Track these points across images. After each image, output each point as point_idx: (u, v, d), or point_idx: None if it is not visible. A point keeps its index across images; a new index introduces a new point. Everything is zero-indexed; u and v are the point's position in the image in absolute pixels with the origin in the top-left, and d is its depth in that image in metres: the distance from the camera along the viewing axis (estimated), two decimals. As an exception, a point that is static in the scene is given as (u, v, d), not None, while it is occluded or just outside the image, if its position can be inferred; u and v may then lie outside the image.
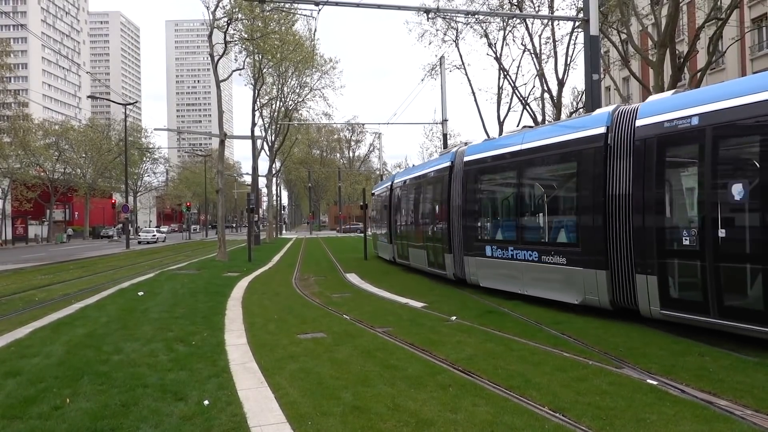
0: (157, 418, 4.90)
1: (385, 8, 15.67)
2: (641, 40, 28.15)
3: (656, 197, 8.40)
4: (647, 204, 8.46)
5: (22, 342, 8.03)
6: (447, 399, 5.28)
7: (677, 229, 8.16)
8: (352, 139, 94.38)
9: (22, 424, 4.80)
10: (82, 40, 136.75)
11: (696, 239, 7.64)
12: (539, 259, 10.89)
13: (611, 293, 9.25)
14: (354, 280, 16.87)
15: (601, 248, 9.34)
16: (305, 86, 43.57)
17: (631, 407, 4.96)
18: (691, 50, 20.09)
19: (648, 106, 8.78)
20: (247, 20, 25.47)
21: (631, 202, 8.78)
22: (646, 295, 8.38)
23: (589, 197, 9.69)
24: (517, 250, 11.65)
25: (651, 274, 8.26)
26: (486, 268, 12.90)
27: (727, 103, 7.27)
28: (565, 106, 40.14)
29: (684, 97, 8.27)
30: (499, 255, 12.29)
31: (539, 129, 12.50)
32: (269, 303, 12.07)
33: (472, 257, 13.50)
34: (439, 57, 27.77)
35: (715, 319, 7.30)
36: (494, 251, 12.52)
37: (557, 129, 11.39)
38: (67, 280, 17.96)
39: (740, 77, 7.22)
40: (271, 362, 6.80)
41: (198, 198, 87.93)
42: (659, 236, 8.29)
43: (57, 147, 60.70)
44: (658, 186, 8.38)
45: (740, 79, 9.08)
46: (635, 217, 8.67)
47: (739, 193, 7.15)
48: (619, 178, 9.09)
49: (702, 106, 7.62)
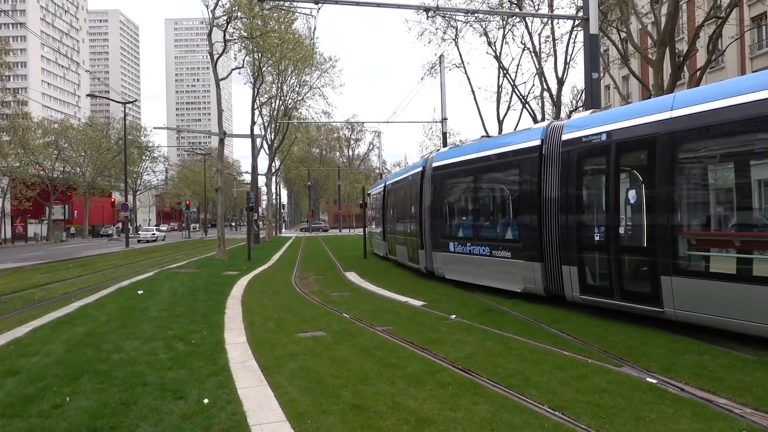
0: (157, 416, 4.90)
1: (385, 6, 15.64)
2: (641, 39, 28.11)
3: (576, 200, 10.03)
4: (569, 205, 10.09)
5: (21, 341, 8.04)
6: (446, 397, 5.29)
7: (591, 227, 9.66)
8: (351, 138, 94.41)
9: (22, 422, 4.80)
10: (82, 39, 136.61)
11: (604, 236, 9.18)
12: (491, 254, 12.57)
13: (545, 282, 10.80)
14: (353, 278, 16.88)
15: (537, 244, 10.92)
16: (305, 85, 43.55)
17: (631, 405, 4.96)
18: (691, 49, 20.07)
19: (572, 123, 10.42)
20: (246, 19, 25.41)
21: (559, 203, 10.35)
22: (570, 283, 9.94)
23: (528, 200, 11.27)
24: (473, 246, 13.31)
25: (572, 265, 9.87)
26: (450, 262, 14.51)
27: (625, 123, 8.90)
28: (565, 105, 40.15)
29: (599, 115, 9.98)
30: (460, 250, 13.90)
31: (493, 139, 14.09)
32: (269, 302, 12.07)
33: (438, 252, 15.14)
34: (439, 55, 27.80)
35: (617, 301, 8.88)
36: (456, 247, 14.12)
37: (505, 140, 12.92)
38: (66, 279, 17.97)
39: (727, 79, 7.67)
40: (271, 361, 6.80)
41: (197, 197, 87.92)
42: (578, 233, 9.88)
43: (56, 145, 60.64)
44: (578, 190, 10.00)
45: (639, 102, 10.73)
46: (561, 217, 10.24)
47: (633, 197, 8.74)
48: (550, 183, 10.63)
49: (609, 124, 9.20)
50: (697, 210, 8.18)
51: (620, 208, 8.93)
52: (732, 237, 7.60)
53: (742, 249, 7.34)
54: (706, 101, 7.63)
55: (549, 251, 10.64)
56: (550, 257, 10.63)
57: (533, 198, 11.03)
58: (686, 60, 20.03)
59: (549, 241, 10.63)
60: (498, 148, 12.61)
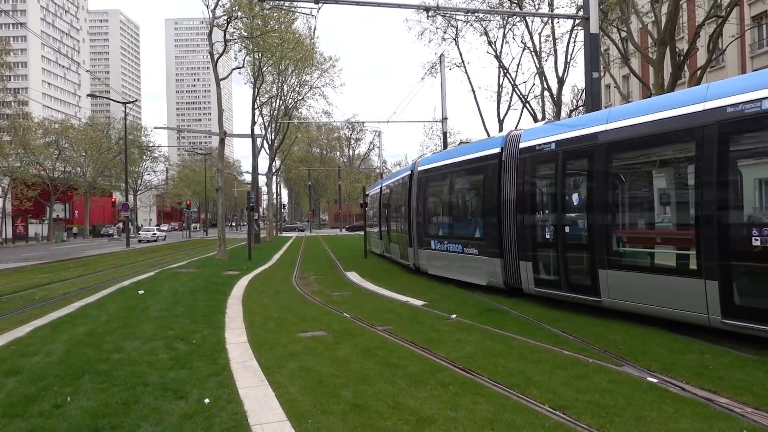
0: (158, 416, 4.90)
1: (385, 6, 15.62)
2: (641, 38, 28.08)
3: (530, 202, 11.21)
4: (524, 207, 11.25)
5: (22, 340, 8.04)
6: (447, 397, 5.29)
7: (542, 226, 10.80)
8: (352, 138, 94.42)
9: (23, 422, 4.81)
10: (82, 39, 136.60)
11: (553, 234, 10.34)
12: (462, 251, 13.86)
13: (504, 276, 12.03)
14: (354, 278, 16.88)
15: (498, 242, 12.16)
16: (305, 84, 43.53)
17: (631, 405, 4.96)
18: (691, 48, 20.05)
19: (528, 132, 11.54)
20: (246, 18, 25.41)
21: (515, 205, 11.52)
22: (526, 277, 11.16)
23: (490, 202, 12.47)
24: (449, 244, 14.65)
25: (528, 261, 11.06)
26: (432, 258, 15.90)
27: (570, 133, 10.00)
28: (565, 104, 40.21)
29: (551, 126, 11.33)
30: (439, 248, 15.25)
31: (466, 146, 15.05)
32: (269, 301, 12.08)
33: (423, 250, 16.59)
34: (439, 55, 27.78)
35: (564, 293, 10.03)
36: (436, 245, 15.49)
37: (474, 147, 14.00)
38: (67, 279, 17.98)
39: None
40: (272, 360, 6.81)
41: (198, 196, 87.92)
42: (532, 232, 11.04)
43: (57, 145, 60.65)
44: (531, 193, 11.20)
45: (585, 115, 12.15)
46: (518, 217, 11.43)
47: (576, 200, 9.98)
48: (509, 187, 11.81)
49: (558, 134, 10.29)
50: (625, 211, 9.38)
51: (566, 209, 10.18)
52: (650, 235, 8.94)
53: (658, 245, 8.77)
54: (632, 116, 8.72)
55: (508, 248, 11.87)
56: (508, 254, 11.86)
57: (494, 200, 12.26)
58: (686, 59, 20.01)
59: (508, 239, 11.85)
60: (468, 154, 13.86)
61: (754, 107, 6.87)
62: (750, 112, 6.92)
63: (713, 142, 7.34)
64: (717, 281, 7.17)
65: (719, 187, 7.30)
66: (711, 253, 7.30)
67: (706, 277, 7.31)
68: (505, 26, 29.41)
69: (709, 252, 7.33)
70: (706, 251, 7.37)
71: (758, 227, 6.87)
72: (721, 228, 7.27)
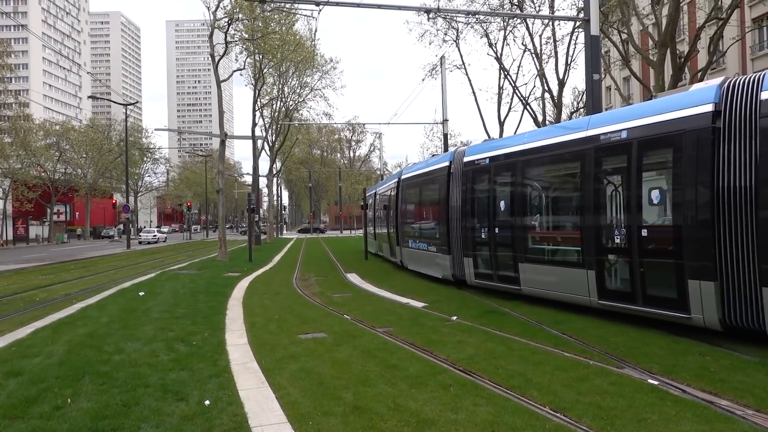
0: (158, 417, 4.90)
1: (386, 8, 15.63)
2: (642, 40, 28.10)
3: (471, 207, 13.30)
4: (466, 212, 13.42)
5: (23, 342, 8.04)
6: (448, 399, 5.28)
7: (479, 228, 12.88)
8: (352, 139, 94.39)
9: (24, 423, 4.81)
10: (83, 41, 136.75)
11: (486, 234, 12.53)
12: (427, 249, 16.30)
13: (453, 270, 14.27)
14: (354, 280, 16.88)
15: (448, 241, 14.37)
16: (306, 86, 43.57)
17: (632, 407, 4.96)
18: (692, 50, 20.06)
19: (470, 149, 13.86)
20: (247, 20, 25.46)
21: (460, 210, 13.69)
22: (468, 271, 13.39)
23: (443, 207, 14.66)
24: (419, 243, 17.22)
25: (469, 257, 13.33)
26: (410, 256, 18.40)
27: (498, 151, 12.36)
28: (566, 106, 40.18)
29: (487, 144, 13.64)
30: (414, 246, 17.81)
31: (430, 159, 18.01)
32: (270, 303, 12.07)
33: (404, 248, 19.14)
34: (440, 57, 27.79)
35: (496, 284, 12.22)
36: (412, 243, 18.09)
37: (433, 160, 16.66)
38: (68, 280, 17.98)
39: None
40: (272, 362, 6.80)
41: (199, 198, 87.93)
42: (472, 233, 13.20)
43: (58, 147, 60.64)
44: (471, 200, 13.28)
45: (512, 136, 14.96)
46: (462, 221, 13.63)
47: (502, 205, 12.02)
48: (455, 195, 14.03)
49: (490, 151, 12.61)
50: (535, 216, 11.54)
51: (496, 214, 12.22)
52: (552, 235, 11.15)
53: (556, 243, 10.91)
54: (540, 139, 10.96)
55: (455, 247, 14.09)
56: (456, 251, 14.09)
57: (445, 206, 14.51)
58: (687, 61, 20.03)
59: (455, 239, 14.07)
60: (430, 167, 16.50)
61: (617, 136, 8.83)
62: (614, 140, 8.88)
63: (591, 163, 9.35)
64: (594, 271, 9.21)
65: (595, 198, 9.34)
66: (589, 249, 9.36)
67: (587, 267, 9.38)
68: (506, 28, 29.44)
69: (588, 248, 9.41)
70: (586, 247, 9.45)
71: (618, 229, 8.87)
72: (595, 229, 9.24)
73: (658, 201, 8.35)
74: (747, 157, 7.09)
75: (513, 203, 11.59)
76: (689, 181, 7.67)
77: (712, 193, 7.37)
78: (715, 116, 7.41)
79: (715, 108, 7.41)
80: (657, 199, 8.35)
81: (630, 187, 8.65)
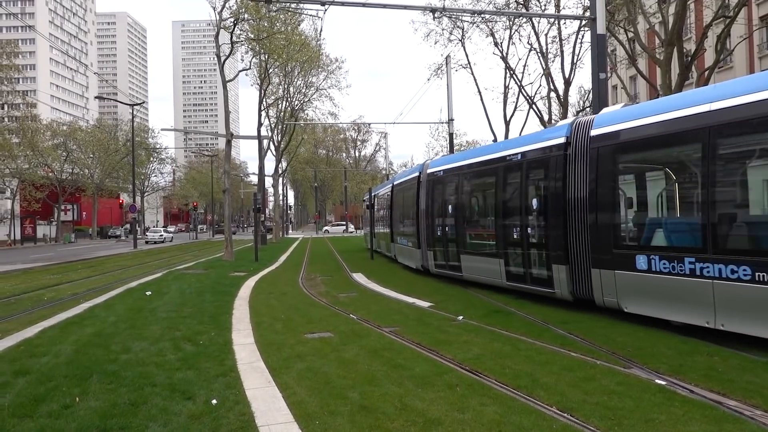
0: (166, 416, 4.92)
1: (392, 8, 15.64)
2: (648, 39, 27.95)
3: (433, 209, 16.35)
4: (430, 213, 16.54)
5: (31, 341, 8.09)
6: (454, 399, 5.28)
7: (437, 226, 16.01)
8: (358, 139, 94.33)
9: (32, 422, 4.84)
10: (90, 41, 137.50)
11: (440, 231, 15.78)
12: (407, 244, 19.49)
13: (422, 261, 17.43)
14: (360, 279, 16.89)
15: (417, 237, 17.65)
16: (311, 86, 43.62)
17: (640, 407, 4.94)
18: (699, 49, 19.95)
19: (432, 162, 17.39)
20: (253, 21, 25.51)
21: (425, 213, 16.90)
22: (431, 262, 16.61)
23: (415, 208, 18.00)
24: (403, 239, 20.52)
25: (430, 251, 16.61)
26: (398, 251, 21.72)
27: (449, 165, 15.33)
28: (572, 105, 40.05)
29: (445, 158, 17.25)
30: (401, 242, 21.13)
31: (408, 170, 22.18)
32: (276, 302, 12.10)
33: (395, 244, 22.43)
34: (445, 56, 27.75)
35: (447, 271, 15.26)
36: (399, 240, 21.43)
37: (408, 171, 20.72)
38: (75, 280, 18.08)
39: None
40: (279, 362, 6.82)
41: (205, 198, 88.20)
42: (433, 230, 16.29)
43: (65, 147, 60.92)
44: (433, 203, 16.29)
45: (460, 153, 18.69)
46: (428, 220, 16.73)
47: (450, 208, 15.09)
48: (422, 200, 17.21)
49: (445, 165, 15.68)
50: (470, 216, 14.45)
51: (446, 215, 15.30)
52: (479, 232, 14.00)
53: (482, 239, 13.68)
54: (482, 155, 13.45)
55: (423, 241, 17.22)
56: (423, 245, 17.18)
57: (416, 209, 17.80)
58: (694, 60, 19.92)
59: (423, 235, 17.18)
60: (405, 176, 20.53)
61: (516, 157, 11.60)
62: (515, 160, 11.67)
63: (501, 176, 12.27)
64: (503, 259, 12.09)
65: (503, 203, 12.28)
66: (500, 243, 12.29)
67: (499, 257, 12.23)
68: (512, 27, 29.37)
69: (499, 242, 12.36)
70: (498, 242, 12.37)
71: (515, 227, 11.73)
72: (503, 228, 12.18)
73: (536, 206, 11.09)
74: (583, 175, 9.65)
75: (457, 207, 14.74)
76: (552, 192, 10.47)
77: (565, 201, 10.04)
78: (566, 146, 10.13)
79: (567, 140, 10.15)
80: (535, 204, 11.10)
81: (521, 195, 11.53)
